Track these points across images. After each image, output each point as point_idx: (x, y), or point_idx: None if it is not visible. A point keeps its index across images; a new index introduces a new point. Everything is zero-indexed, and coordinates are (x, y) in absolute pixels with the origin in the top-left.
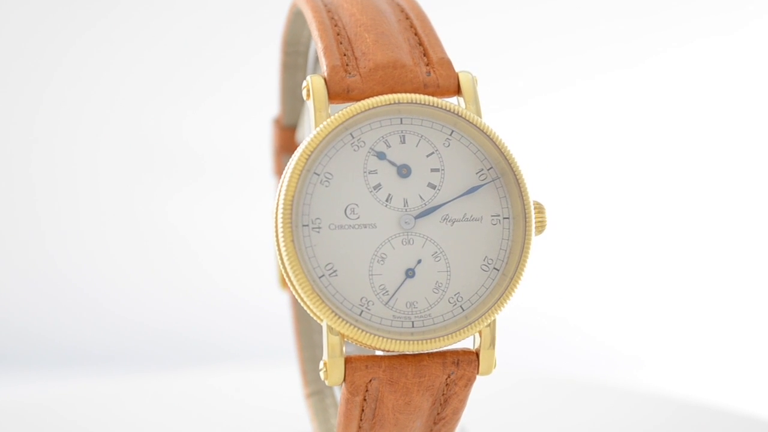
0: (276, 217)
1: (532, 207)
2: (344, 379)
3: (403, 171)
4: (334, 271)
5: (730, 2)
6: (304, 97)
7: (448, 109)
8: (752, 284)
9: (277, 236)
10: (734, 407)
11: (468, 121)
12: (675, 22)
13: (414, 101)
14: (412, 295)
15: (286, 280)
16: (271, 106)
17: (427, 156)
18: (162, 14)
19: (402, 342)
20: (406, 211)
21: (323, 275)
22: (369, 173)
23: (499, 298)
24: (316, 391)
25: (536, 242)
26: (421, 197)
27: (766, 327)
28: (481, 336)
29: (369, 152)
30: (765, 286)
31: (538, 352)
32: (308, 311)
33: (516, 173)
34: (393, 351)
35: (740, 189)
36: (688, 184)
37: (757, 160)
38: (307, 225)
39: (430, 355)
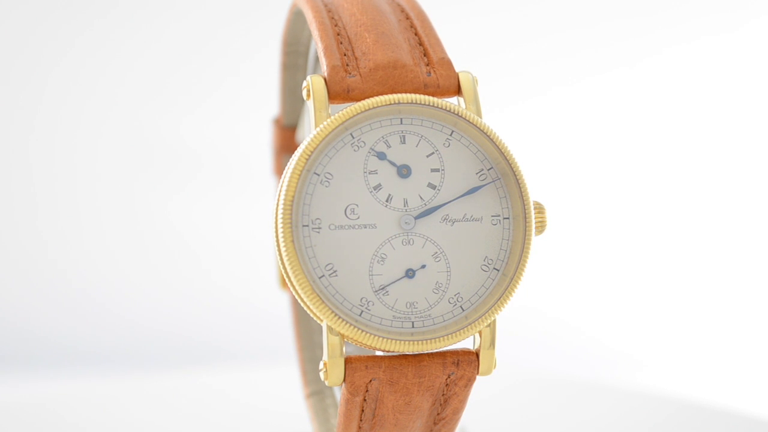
0: (276, 217)
1: (532, 207)
2: (344, 380)
3: (404, 171)
4: (334, 272)
5: (730, 2)
6: (305, 97)
7: (448, 109)
8: (752, 284)
9: (277, 236)
10: (734, 407)
11: (468, 121)
12: (675, 21)
13: (414, 101)
14: (412, 296)
15: (286, 280)
16: (271, 106)
17: (428, 156)
18: (161, 14)
19: (402, 342)
20: (406, 211)
21: (323, 275)
22: (369, 173)
23: (499, 299)
24: (316, 391)
25: (536, 242)
26: (421, 197)
27: (766, 327)
28: (481, 336)
29: (369, 152)
30: (765, 286)
31: (538, 352)
32: (308, 311)
33: (516, 173)
34: (393, 351)
35: (740, 188)
36: (688, 184)
37: (756, 159)
38: (307, 225)
39: (430, 355)
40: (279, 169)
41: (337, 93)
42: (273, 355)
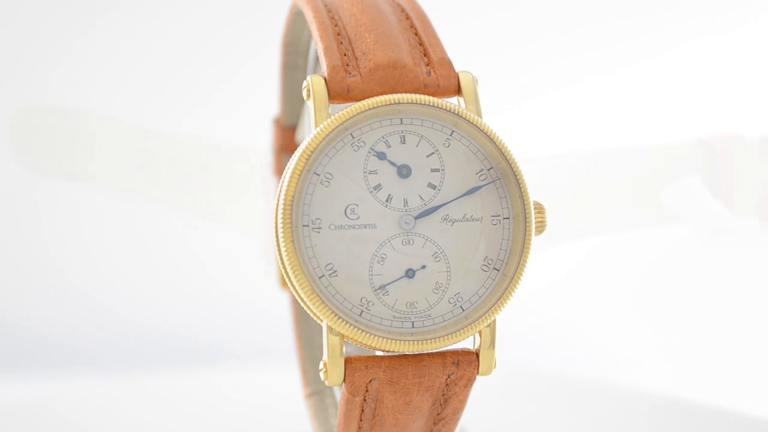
0: (276, 218)
1: (533, 207)
2: (344, 380)
3: (404, 171)
4: (334, 272)
5: (730, 2)
6: (305, 98)
7: (448, 109)
8: (752, 284)
9: (277, 236)
10: (734, 407)
11: (468, 121)
12: (676, 21)
13: (414, 101)
14: (412, 296)
15: (286, 280)
16: (271, 106)
17: (428, 156)
18: (162, 15)
19: (402, 342)
20: (406, 211)
21: (323, 275)
22: (369, 173)
23: (499, 298)
24: (316, 391)
25: (536, 242)
26: (421, 197)
27: (766, 327)
28: (481, 336)
29: (369, 152)
30: (765, 287)
31: (538, 352)
32: (308, 311)
33: (516, 174)
34: (393, 351)
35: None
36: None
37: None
38: (307, 225)
39: (430, 355)
40: (279, 169)
41: (337, 93)
42: (273, 355)
